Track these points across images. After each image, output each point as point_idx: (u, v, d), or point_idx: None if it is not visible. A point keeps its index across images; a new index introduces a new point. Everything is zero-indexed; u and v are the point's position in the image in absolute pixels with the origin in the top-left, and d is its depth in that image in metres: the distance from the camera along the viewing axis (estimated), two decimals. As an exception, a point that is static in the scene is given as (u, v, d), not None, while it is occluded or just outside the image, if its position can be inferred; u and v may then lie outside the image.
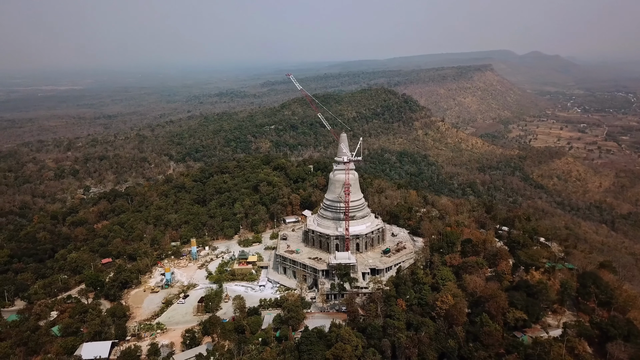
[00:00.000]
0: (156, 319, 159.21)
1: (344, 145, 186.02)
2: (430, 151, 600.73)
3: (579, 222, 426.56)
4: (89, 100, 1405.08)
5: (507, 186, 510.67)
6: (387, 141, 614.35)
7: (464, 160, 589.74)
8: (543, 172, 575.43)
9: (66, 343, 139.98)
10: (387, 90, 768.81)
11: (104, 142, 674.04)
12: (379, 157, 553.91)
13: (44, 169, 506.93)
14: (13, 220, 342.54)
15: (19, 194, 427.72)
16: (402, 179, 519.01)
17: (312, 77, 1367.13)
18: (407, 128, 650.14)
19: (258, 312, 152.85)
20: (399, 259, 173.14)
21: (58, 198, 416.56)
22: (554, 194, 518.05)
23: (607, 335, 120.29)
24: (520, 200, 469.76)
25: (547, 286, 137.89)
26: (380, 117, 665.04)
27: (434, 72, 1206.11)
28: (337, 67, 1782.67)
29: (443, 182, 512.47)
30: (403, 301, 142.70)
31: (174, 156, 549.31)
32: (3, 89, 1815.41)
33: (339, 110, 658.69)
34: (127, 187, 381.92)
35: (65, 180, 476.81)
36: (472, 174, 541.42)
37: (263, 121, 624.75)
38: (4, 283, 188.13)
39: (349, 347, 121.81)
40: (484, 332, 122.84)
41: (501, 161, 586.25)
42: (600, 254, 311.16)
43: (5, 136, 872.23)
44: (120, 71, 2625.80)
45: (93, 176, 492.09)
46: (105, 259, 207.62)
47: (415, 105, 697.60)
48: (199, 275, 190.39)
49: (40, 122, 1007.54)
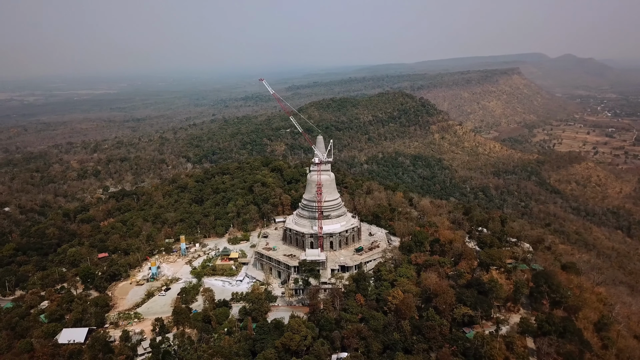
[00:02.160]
0: (136, 309, 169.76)
1: (320, 147, 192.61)
2: (445, 155, 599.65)
3: (591, 228, 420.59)
4: (121, 104, 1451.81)
5: (521, 191, 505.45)
6: (402, 145, 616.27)
7: (480, 165, 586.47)
8: (561, 177, 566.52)
9: (48, 328, 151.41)
10: (404, 93, 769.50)
11: (129, 145, 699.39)
12: (393, 160, 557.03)
13: (69, 169, 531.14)
14: (32, 217, 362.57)
15: (43, 193, 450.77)
16: (415, 183, 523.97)
17: (337, 81, 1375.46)
18: (424, 132, 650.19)
19: (228, 304, 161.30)
20: (370, 257, 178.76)
21: (77, 197, 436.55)
22: (571, 199, 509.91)
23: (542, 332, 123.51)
24: (532, 205, 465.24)
25: (498, 284, 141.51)
26: (397, 120, 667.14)
27: (459, 75, 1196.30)
28: (364, 71, 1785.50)
29: (455, 186, 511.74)
30: (362, 296, 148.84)
31: (192, 158, 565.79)
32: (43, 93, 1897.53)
33: (355, 114, 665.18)
34: (136, 187, 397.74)
35: (87, 180, 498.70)
36: (486, 178, 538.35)
37: (279, 124, 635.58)
38: (5, 274, 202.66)
39: (297, 337, 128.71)
40: (427, 326, 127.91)
41: (518, 165, 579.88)
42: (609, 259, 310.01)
43: (39, 138, 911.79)
44: (153, 76, 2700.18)
45: (113, 177, 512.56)
46: (101, 254, 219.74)
47: (432, 109, 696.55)
48: (185, 270, 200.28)
49: (73, 125, 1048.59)
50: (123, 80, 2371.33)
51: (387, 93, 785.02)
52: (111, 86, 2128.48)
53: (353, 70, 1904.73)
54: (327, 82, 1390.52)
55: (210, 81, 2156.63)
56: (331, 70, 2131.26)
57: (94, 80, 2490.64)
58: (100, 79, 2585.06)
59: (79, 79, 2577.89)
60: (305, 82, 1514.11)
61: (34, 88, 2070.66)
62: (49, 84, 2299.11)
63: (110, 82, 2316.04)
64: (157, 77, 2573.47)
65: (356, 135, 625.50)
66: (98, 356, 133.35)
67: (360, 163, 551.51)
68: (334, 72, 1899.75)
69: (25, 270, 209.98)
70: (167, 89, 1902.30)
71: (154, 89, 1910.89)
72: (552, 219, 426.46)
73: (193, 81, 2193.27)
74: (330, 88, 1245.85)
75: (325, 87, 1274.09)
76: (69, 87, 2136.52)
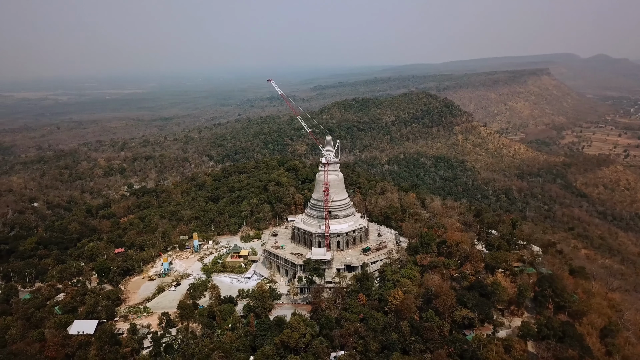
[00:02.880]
0: (146, 303, 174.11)
1: (328, 147, 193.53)
2: (468, 156, 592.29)
3: (617, 233, 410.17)
4: (150, 103, 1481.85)
5: (546, 194, 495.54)
6: (425, 145, 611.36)
7: (503, 167, 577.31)
8: (588, 180, 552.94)
9: (61, 320, 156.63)
10: (428, 94, 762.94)
11: (154, 143, 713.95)
12: (414, 161, 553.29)
13: (96, 167, 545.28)
14: (58, 212, 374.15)
15: (70, 190, 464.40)
16: (436, 184, 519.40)
17: (362, 81, 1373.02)
18: (447, 133, 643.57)
19: (234, 301, 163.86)
20: (377, 257, 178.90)
21: (102, 194, 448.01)
22: (597, 203, 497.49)
23: (541, 336, 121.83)
24: (556, 209, 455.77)
25: (500, 287, 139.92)
26: (420, 121, 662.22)
27: (486, 76, 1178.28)
28: (390, 71, 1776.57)
29: (477, 188, 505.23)
30: (364, 296, 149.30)
31: (214, 157, 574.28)
32: (75, 93, 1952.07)
33: (378, 114, 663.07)
34: (157, 184, 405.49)
35: (113, 177, 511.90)
36: (509, 180, 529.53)
37: (301, 124, 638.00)
38: (27, 267, 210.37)
39: (295, 334, 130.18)
40: (425, 326, 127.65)
41: (543, 168, 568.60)
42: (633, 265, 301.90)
43: (70, 136, 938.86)
44: (182, 76, 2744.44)
45: (138, 174, 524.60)
46: (118, 249, 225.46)
47: (456, 110, 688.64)
48: (196, 266, 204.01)
49: (103, 124, 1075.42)
50: (152, 80, 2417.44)
51: (411, 93, 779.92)
52: (140, 86, 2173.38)
53: (379, 71, 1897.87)
54: (352, 83, 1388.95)
55: (236, 81, 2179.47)
56: (357, 71, 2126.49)
57: (124, 80, 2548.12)
58: (130, 79, 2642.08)
59: (109, 79, 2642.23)
60: (330, 82, 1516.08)
61: (68, 87, 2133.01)
62: (81, 84, 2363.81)
63: (139, 82, 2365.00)
64: (185, 77, 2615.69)
65: (378, 135, 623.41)
66: (105, 347, 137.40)
67: (381, 164, 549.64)
68: (359, 73, 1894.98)
69: (45, 264, 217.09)
70: (194, 88, 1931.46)
71: (181, 88, 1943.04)
72: (575, 223, 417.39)
73: (220, 81, 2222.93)
74: (355, 88, 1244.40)
75: (350, 88, 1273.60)
76: (100, 87, 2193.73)
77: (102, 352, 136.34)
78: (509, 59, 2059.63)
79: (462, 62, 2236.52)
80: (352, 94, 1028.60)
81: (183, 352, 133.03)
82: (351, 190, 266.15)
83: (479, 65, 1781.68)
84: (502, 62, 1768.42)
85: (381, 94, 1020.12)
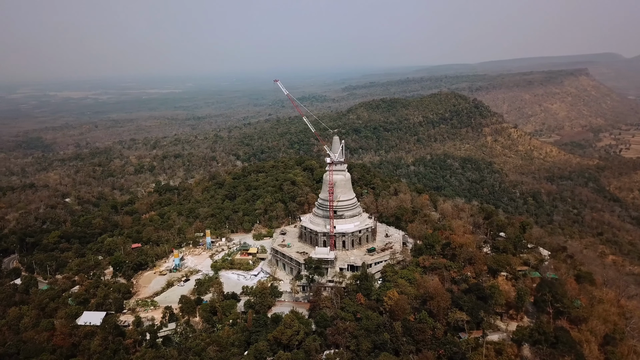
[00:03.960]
0: (154, 297, 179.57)
1: (335, 147, 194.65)
2: (497, 158, 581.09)
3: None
4: (185, 103, 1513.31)
5: (576, 197, 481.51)
6: (453, 147, 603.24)
7: (533, 169, 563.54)
8: (622, 184, 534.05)
9: (72, 310, 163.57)
10: (457, 94, 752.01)
11: (185, 142, 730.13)
12: (441, 162, 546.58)
13: (127, 164, 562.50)
14: (87, 208, 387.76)
15: (102, 186, 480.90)
16: (462, 186, 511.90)
17: (394, 82, 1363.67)
18: (476, 134, 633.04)
19: (237, 297, 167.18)
20: (381, 258, 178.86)
21: (131, 191, 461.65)
22: (631, 208, 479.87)
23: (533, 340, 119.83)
24: (585, 213, 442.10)
25: (498, 291, 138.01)
26: (448, 122, 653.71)
27: (521, 76, 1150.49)
28: (423, 72, 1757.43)
29: (504, 191, 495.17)
30: (363, 296, 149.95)
31: (241, 156, 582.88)
32: (116, 92, 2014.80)
33: (405, 115, 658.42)
34: (180, 182, 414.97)
35: (143, 175, 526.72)
36: (538, 183, 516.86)
37: (327, 125, 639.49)
38: (48, 259, 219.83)
39: (288, 331, 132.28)
40: (416, 328, 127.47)
41: (575, 171, 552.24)
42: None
43: (107, 134, 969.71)
44: (218, 76, 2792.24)
45: (167, 172, 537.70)
46: (134, 244, 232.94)
47: (486, 111, 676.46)
48: (207, 263, 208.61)
49: (139, 122, 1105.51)
50: (189, 80, 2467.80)
51: (440, 94, 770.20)
52: (178, 86, 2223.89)
53: (413, 71, 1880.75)
54: (384, 83, 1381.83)
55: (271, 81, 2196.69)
56: (390, 71, 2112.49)
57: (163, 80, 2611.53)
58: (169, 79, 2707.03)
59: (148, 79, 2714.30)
60: (362, 82, 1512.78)
61: (108, 87, 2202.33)
62: (122, 84, 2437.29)
63: (178, 82, 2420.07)
64: (220, 77, 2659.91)
65: (405, 136, 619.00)
66: (108, 338, 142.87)
67: (407, 164, 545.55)
68: (393, 73, 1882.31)
69: (66, 257, 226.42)
70: (229, 88, 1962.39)
71: (216, 88, 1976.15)
72: (605, 228, 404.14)
73: (254, 81, 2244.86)
74: (386, 88, 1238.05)
75: (381, 88, 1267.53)
76: (139, 87, 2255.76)
77: (105, 342, 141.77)
78: (547, 59, 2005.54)
79: (499, 62, 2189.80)
80: (382, 94, 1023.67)
81: (180, 345, 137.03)
82: (365, 191, 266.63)
83: (515, 65, 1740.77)
84: (540, 62, 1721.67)
85: (412, 94, 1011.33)
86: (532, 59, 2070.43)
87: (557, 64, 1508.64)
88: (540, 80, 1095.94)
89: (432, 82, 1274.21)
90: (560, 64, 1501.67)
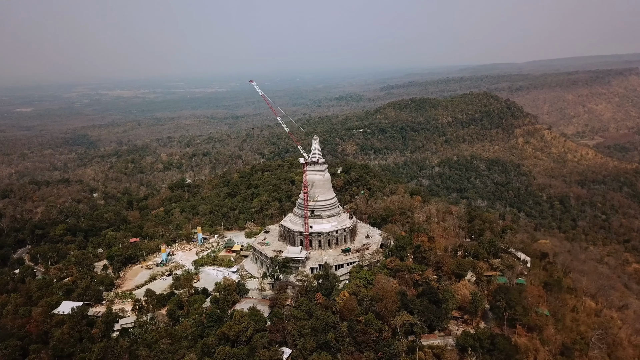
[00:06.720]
0: (135, 290, 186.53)
1: (314, 148, 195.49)
2: (527, 161, 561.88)
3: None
4: (227, 102, 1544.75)
5: (607, 203, 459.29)
6: (482, 148, 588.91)
7: (565, 172, 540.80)
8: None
9: (52, 300, 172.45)
10: (489, 94, 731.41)
11: (217, 140, 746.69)
12: (467, 164, 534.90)
13: (157, 161, 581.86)
14: (110, 203, 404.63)
15: (131, 182, 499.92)
16: (486, 189, 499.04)
17: (433, 81, 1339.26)
18: (506, 135, 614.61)
19: (208, 293, 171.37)
20: (354, 258, 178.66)
21: (156, 187, 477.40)
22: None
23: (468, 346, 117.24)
24: (613, 219, 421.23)
25: (450, 295, 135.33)
26: (478, 122, 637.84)
27: (565, 76, 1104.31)
28: (467, 71, 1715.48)
29: (531, 194, 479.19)
30: (322, 295, 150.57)
31: (266, 155, 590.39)
32: (163, 91, 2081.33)
33: (434, 115, 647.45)
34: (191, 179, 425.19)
35: (170, 172, 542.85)
36: (568, 187, 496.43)
37: (354, 124, 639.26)
38: (50, 250, 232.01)
39: (236, 327, 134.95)
40: (358, 329, 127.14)
41: (610, 175, 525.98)
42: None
43: (148, 132, 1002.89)
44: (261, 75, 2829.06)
45: (194, 169, 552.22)
46: (133, 239, 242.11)
47: (518, 112, 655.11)
48: (193, 258, 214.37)
49: (179, 121, 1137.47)
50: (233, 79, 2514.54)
51: (471, 94, 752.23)
52: (222, 85, 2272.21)
53: (456, 70, 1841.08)
54: (423, 82, 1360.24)
55: (313, 81, 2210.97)
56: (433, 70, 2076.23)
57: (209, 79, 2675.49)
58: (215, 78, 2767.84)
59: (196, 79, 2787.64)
60: (401, 82, 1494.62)
61: (156, 86, 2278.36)
62: (169, 83, 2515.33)
63: (223, 82, 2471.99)
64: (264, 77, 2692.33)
65: (432, 136, 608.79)
66: (75, 327, 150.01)
67: (432, 166, 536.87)
68: (434, 72, 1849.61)
69: (68, 249, 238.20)
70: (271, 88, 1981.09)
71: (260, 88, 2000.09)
72: (633, 235, 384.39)
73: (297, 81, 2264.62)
74: (424, 88, 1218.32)
75: (419, 87, 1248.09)
76: (185, 86, 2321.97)
77: (72, 331, 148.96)
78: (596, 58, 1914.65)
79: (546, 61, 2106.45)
80: (419, 94, 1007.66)
81: (135, 336, 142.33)
82: (362, 192, 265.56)
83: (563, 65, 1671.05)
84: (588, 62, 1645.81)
85: (449, 94, 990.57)
86: (581, 58, 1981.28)
87: (606, 63, 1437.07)
88: (585, 79, 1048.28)
89: (472, 81, 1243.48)
90: (609, 63, 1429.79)
